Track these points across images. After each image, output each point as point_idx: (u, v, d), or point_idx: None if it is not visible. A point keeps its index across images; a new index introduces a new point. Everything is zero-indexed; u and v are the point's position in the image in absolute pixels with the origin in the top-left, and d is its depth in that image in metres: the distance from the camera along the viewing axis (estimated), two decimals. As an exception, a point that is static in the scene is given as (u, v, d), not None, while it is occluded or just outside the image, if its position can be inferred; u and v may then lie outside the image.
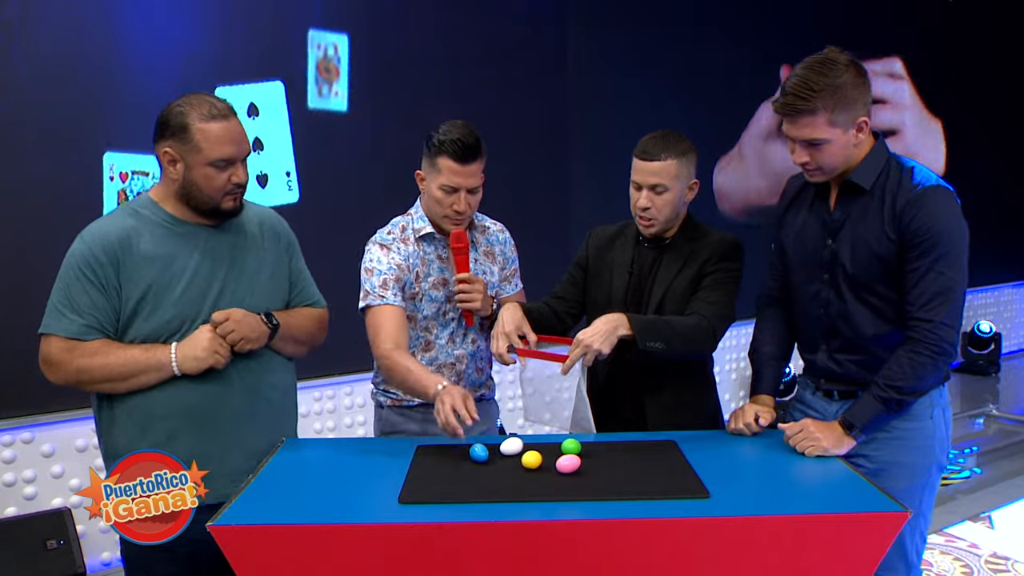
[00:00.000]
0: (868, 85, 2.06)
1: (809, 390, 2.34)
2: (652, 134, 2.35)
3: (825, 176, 2.13)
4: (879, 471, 2.13)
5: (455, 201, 2.37)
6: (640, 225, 2.39)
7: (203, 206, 2.11)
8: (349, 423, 4.08)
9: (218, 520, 1.74)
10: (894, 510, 1.75)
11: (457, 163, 2.33)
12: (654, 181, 2.30)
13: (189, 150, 2.04)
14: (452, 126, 2.36)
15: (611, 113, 4.74)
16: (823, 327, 2.22)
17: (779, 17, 5.43)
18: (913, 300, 2.04)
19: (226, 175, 2.08)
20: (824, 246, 2.18)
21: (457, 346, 2.50)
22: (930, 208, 2.02)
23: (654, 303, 2.39)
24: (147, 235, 2.09)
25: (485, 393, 2.62)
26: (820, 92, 1.99)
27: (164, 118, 2.07)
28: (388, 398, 2.57)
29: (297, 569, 1.75)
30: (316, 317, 2.35)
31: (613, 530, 1.73)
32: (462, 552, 1.74)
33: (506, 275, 2.60)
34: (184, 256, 2.10)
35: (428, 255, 2.46)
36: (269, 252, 2.26)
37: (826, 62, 2.02)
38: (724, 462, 2.05)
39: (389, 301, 2.37)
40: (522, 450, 2.03)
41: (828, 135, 2.03)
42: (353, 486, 1.98)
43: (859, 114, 2.05)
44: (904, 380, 2.04)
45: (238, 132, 2.09)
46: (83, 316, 2.04)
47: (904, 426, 2.15)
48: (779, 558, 1.75)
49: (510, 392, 4.60)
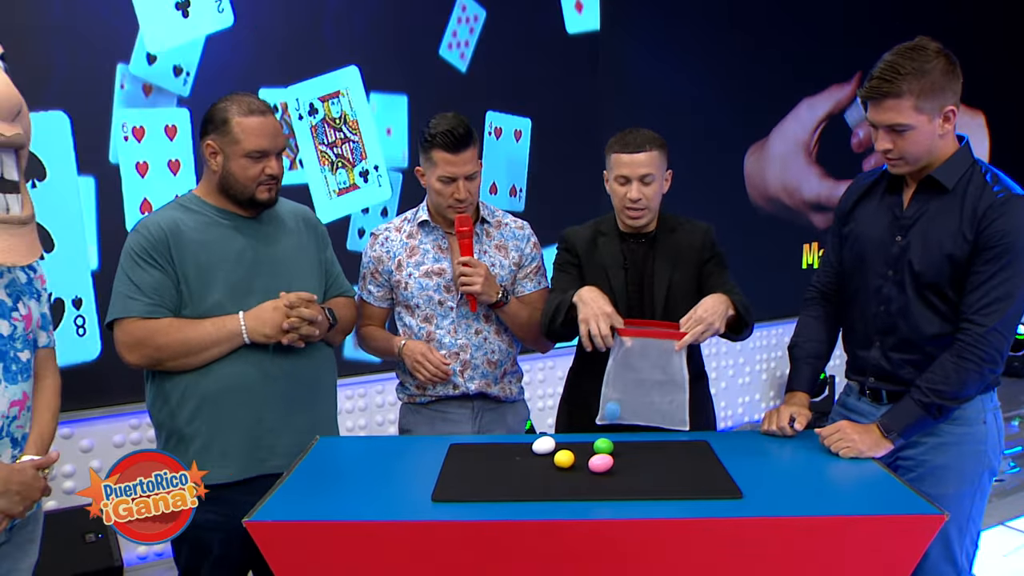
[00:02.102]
0: (959, 76, 2.03)
1: (854, 395, 2.32)
2: (624, 131, 2.42)
3: (907, 167, 2.09)
4: (927, 475, 2.11)
5: (454, 190, 2.44)
6: (629, 218, 2.42)
7: (240, 196, 2.24)
8: (380, 421, 4.11)
9: (253, 516, 1.77)
10: (930, 512, 1.74)
11: (450, 153, 2.40)
12: (643, 172, 2.36)
13: (228, 142, 2.20)
14: (441, 119, 2.43)
15: (646, 105, 4.76)
16: (880, 324, 2.19)
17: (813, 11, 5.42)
18: (971, 303, 2.01)
19: (260, 166, 2.21)
20: (893, 242, 2.15)
21: (459, 336, 2.53)
22: (1012, 215, 1.98)
23: (659, 301, 2.41)
24: (193, 224, 2.23)
25: (507, 395, 2.63)
26: (907, 75, 1.97)
27: (209, 115, 2.23)
28: (405, 395, 2.62)
29: (331, 565, 1.77)
30: (353, 307, 2.51)
31: (646, 529, 1.73)
32: (494, 549, 1.75)
33: (527, 272, 2.61)
34: (228, 241, 2.24)
35: (423, 243, 2.54)
36: (308, 243, 2.39)
37: (916, 48, 2.01)
38: (757, 462, 2.04)
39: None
40: (554, 449, 2.03)
41: (913, 120, 2.00)
42: (387, 484, 2.00)
43: (947, 103, 2.01)
44: (947, 386, 2.02)
45: (273, 127, 2.22)
46: (149, 296, 2.15)
47: (956, 430, 2.12)
48: (812, 559, 1.74)
49: (540, 392, 4.61)
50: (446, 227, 2.54)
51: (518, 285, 2.60)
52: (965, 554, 2.17)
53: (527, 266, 2.61)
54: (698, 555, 1.74)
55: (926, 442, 2.12)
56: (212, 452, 2.18)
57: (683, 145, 2.43)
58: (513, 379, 2.66)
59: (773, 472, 2.03)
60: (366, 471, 2.08)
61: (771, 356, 5.58)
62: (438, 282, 2.51)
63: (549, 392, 4.63)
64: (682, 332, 2.21)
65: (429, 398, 2.56)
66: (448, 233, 2.54)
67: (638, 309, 2.42)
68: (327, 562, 1.77)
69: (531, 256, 2.63)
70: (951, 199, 2.06)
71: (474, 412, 2.57)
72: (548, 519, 1.75)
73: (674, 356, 2.23)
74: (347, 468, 2.10)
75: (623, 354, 2.25)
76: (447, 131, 2.39)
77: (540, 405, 4.59)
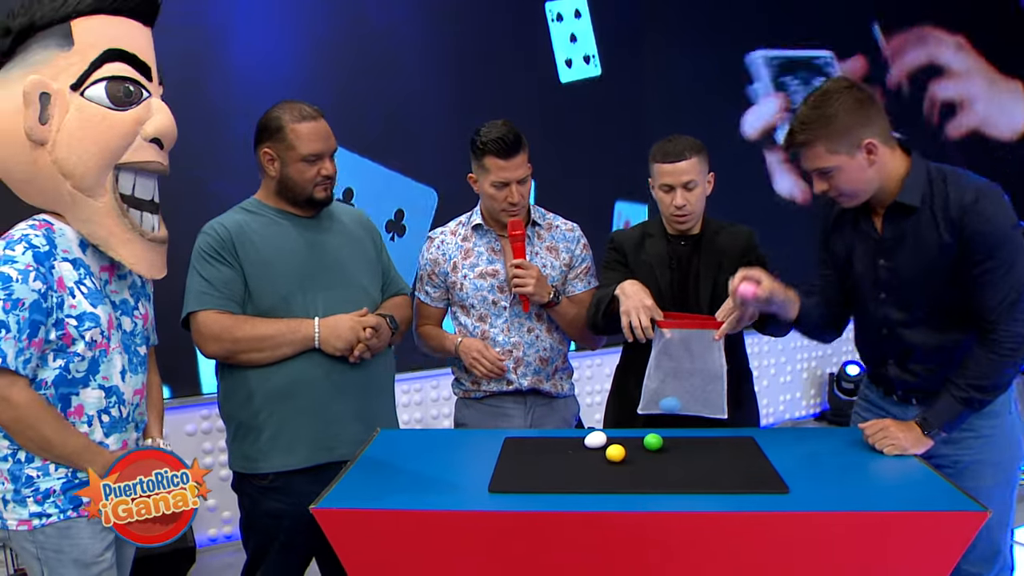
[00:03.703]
0: (868, 109, 2.05)
1: (878, 393, 2.35)
2: (664, 140, 2.47)
3: (855, 200, 2.14)
4: (964, 470, 2.15)
5: (507, 194, 2.52)
6: (676, 223, 2.49)
7: (299, 197, 2.35)
8: (435, 415, 4.21)
9: (320, 503, 1.86)
10: (973, 509, 1.77)
11: (502, 159, 2.48)
12: (687, 179, 2.42)
13: (284, 148, 2.31)
14: (492, 126, 2.50)
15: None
16: (889, 345, 2.24)
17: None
18: (986, 302, 2.05)
19: (316, 168, 2.32)
20: (877, 266, 2.19)
21: (512, 334, 2.61)
22: (987, 214, 2.02)
23: (704, 300, 2.47)
24: (255, 224, 2.35)
25: (558, 391, 2.70)
26: (811, 125, 2.04)
27: (263, 124, 2.34)
28: (460, 390, 2.71)
29: (393, 551, 1.86)
30: (408, 305, 2.60)
31: (694, 522, 1.79)
32: (548, 539, 1.82)
33: (577, 273, 2.68)
34: (289, 240, 2.35)
35: (477, 246, 2.63)
36: (365, 243, 2.50)
37: (822, 94, 2.06)
38: (802, 458, 2.09)
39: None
40: (606, 443, 2.11)
41: (833, 162, 2.06)
42: (445, 474, 2.08)
43: (862, 137, 2.05)
44: (986, 379, 2.05)
45: (325, 131, 2.34)
46: (221, 291, 2.28)
47: (986, 423, 2.16)
48: (857, 554, 1.79)
49: (588, 388, 4.68)
50: (499, 230, 2.63)
51: (569, 285, 2.67)
52: (1007, 544, 2.21)
53: (577, 267, 2.68)
54: (744, 548, 1.79)
55: (959, 438, 2.15)
56: (280, 441, 2.29)
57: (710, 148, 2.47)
58: (564, 375, 2.74)
59: (818, 468, 2.07)
60: (425, 462, 2.16)
61: (811, 355, 5.58)
62: (492, 283, 2.60)
63: (597, 388, 4.69)
64: (719, 321, 2.26)
65: (483, 393, 2.65)
66: (501, 236, 2.62)
67: (684, 308, 2.47)
68: (389, 548, 1.85)
69: (581, 257, 2.70)
70: (922, 214, 2.09)
71: (527, 407, 2.65)
72: (599, 510, 1.81)
73: (713, 346, 2.29)
74: (407, 459, 2.18)
75: (663, 345, 2.33)
76: (498, 138, 2.47)
77: (589, 401, 4.66)
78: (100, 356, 1.92)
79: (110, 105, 1.89)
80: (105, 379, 1.93)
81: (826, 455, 2.15)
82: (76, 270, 1.90)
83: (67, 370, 1.88)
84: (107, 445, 1.94)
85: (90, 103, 1.87)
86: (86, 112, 1.87)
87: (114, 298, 1.98)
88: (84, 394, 1.91)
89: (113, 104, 1.89)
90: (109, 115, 1.89)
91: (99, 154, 1.88)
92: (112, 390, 1.94)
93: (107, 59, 1.89)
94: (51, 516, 1.89)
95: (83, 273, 1.91)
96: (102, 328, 1.91)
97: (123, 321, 1.99)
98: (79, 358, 1.89)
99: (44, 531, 1.89)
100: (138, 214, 1.96)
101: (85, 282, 1.90)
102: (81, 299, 1.88)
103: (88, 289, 1.90)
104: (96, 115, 1.88)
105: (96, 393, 1.92)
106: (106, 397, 1.94)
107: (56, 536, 1.89)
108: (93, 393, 1.92)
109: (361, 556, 1.87)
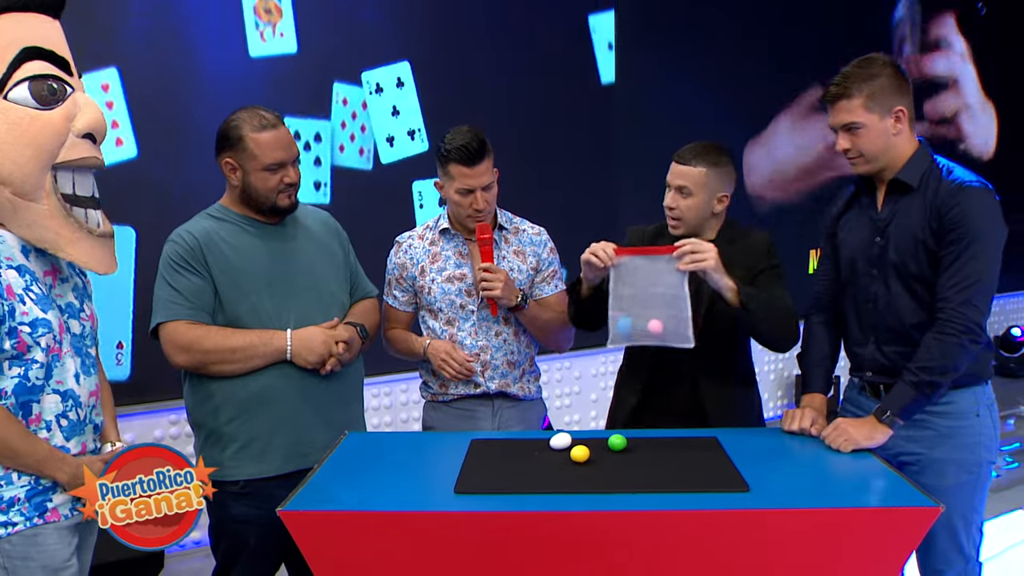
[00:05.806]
0: (906, 84, 2.21)
1: (856, 389, 2.42)
2: (696, 142, 2.46)
3: (867, 165, 2.24)
4: (926, 467, 2.22)
5: (472, 200, 2.54)
6: (668, 223, 2.50)
7: (262, 205, 2.34)
8: (404, 418, 4.22)
9: (287, 506, 1.87)
10: (926, 504, 1.82)
11: (466, 166, 2.50)
12: (680, 183, 2.43)
13: (246, 158, 2.31)
14: (456, 133, 2.51)
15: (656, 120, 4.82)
16: (871, 320, 2.31)
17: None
18: (943, 283, 2.13)
19: (278, 176, 2.32)
20: (873, 243, 2.28)
21: (480, 338, 2.63)
22: (967, 201, 2.12)
23: (706, 307, 2.46)
24: (223, 232, 2.34)
25: (526, 393, 2.72)
26: (855, 79, 2.17)
27: (223, 132, 2.33)
28: (428, 393, 2.73)
29: (359, 552, 1.87)
30: (376, 308, 2.62)
31: (657, 521, 1.83)
32: (513, 539, 1.84)
33: (544, 276, 2.71)
34: (257, 248, 2.35)
35: (445, 250, 2.65)
36: (333, 247, 2.51)
37: (867, 59, 2.21)
38: (764, 457, 2.13)
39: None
40: (571, 445, 2.13)
41: (863, 119, 2.17)
42: (412, 476, 2.11)
43: (896, 103, 2.18)
44: (933, 361, 2.11)
45: (286, 138, 2.33)
46: (191, 301, 2.27)
47: (950, 424, 2.22)
48: (814, 549, 1.83)
49: (556, 391, 4.71)
50: (466, 234, 2.65)
51: (536, 289, 2.70)
52: (972, 542, 2.27)
53: (544, 270, 2.71)
54: (706, 545, 1.83)
55: (923, 437, 2.22)
56: (252, 450, 2.30)
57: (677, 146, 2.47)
58: (531, 378, 2.76)
59: (779, 467, 2.11)
60: (392, 464, 2.18)
61: (779, 357, 5.65)
62: (459, 287, 2.62)
63: (566, 391, 4.74)
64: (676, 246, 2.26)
65: (451, 396, 2.67)
66: (468, 240, 2.65)
67: (694, 308, 2.39)
68: (356, 550, 1.87)
69: (548, 261, 2.73)
70: (917, 195, 2.21)
71: (494, 410, 2.67)
72: (564, 510, 1.84)
73: (672, 271, 2.24)
74: (374, 461, 2.20)
75: (618, 272, 2.28)
76: (462, 146, 2.48)
77: (557, 404, 4.70)
78: (53, 361, 1.88)
79: (36, 105, 1.81)
80: (60, 383, 1.90)
81: (788, 454, 2.20)
82: (22, 276, 1.85)
83: (26, 378, 1.84)
84: (68, 449, 1.91)
85: (15, 106, 1.80)
86: (12, 115, 1.80)
87: (59, 302, 1.94)
88: (43, 400, 1.88)
89: (39, 104, 1.81)
90: (38, 116, 1.81)
91: (35, 156, 1.81)
92: (68, 394, 1.91)
93: (25, 58, 1.80)
94: (16, 524, 1.87)
95: (29, 279, 1.86)
96: (55, 333, 1.87)
97: (71, 324, 1.95)
98: (37, 365, 1.85)
99: (10, 540, 1.87)
100: (82, 212, 1.90)
101: (32, 288, 1.86)
102: (31, 305, 1.84)
103: (36, 295, 1.86)
104: (24, 117, 1.80)
105: (53, 398, 1.89)
106: (63, 401, 1.90)
107: (23, 544, 1.88)
108: (50, 399, 1.89)
109: (328, 558, 1.88)
